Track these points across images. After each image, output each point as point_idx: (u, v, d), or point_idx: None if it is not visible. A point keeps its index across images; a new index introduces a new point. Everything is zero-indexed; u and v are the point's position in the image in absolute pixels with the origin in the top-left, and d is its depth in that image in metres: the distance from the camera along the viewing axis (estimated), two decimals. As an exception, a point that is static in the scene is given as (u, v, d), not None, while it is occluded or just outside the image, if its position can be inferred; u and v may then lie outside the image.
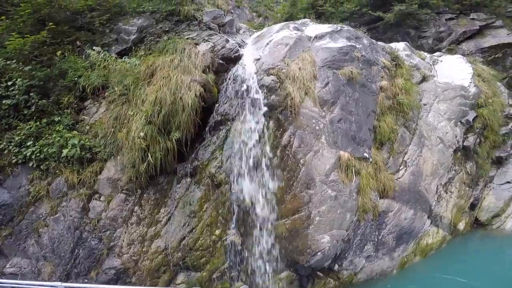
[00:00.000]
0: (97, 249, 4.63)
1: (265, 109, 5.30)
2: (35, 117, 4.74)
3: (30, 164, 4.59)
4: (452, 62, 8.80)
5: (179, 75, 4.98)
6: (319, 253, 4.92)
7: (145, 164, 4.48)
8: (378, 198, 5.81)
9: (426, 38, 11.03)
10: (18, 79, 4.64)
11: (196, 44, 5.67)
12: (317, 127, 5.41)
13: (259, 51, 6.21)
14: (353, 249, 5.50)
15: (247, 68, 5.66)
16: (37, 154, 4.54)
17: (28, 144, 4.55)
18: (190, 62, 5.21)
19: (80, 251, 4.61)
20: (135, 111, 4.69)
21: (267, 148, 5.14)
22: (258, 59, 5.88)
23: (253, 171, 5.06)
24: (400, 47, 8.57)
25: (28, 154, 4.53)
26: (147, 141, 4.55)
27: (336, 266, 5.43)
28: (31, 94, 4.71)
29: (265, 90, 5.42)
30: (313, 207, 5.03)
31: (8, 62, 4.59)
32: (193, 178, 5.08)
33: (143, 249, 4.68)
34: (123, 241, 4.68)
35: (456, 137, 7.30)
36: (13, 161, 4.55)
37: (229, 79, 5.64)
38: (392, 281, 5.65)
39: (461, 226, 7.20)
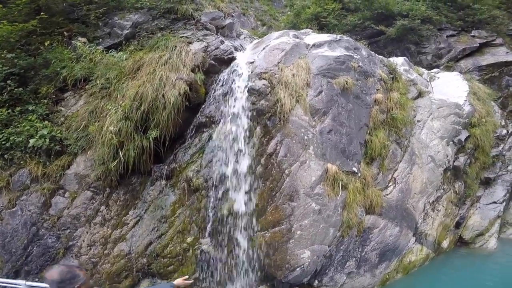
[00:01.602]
0: (54, 247, 4.06)
1: (252, 114, 4.66)
2: (8, 105, 4.26)
3: None
4: (449, 79, 8.21)
5: (165, 72, 4.41)
6: (298, 269, 4.36)
7: (116, 161, 3.85)
8: (364, 214, 5.22)
9: (425, 54, 10.41)
10: None
11: (189, 43, 5.15)
12: (305, 137, 4.79)
13: (254, 55, 5.64)
14: (334, 265, 4.92)
15: (239, 71, 5.08)
16: (3, 143, 4.04)
17: None
18: (179, 60, 4.66)
19: (34, 248, 4.05)
20: (113, 106, 4.08)
21: (251, 155, 4.50)
22: (252, 62, 5.32)
23: (234, 179, 4.41)
24: (399, 61, 8.03)
25: None
26: (121, 137, 3.95)
27: (316, 282, 4.82)
28: (8, 81, 4.26)
29: (255, 94, 4.79)
30: (295, 221, 4.45)
31: None
32: (168, 181, 4.48)
33: (105, 252, 4.07)
34: (83, 241, 4.10)
35: (447, 156, 6.73)
36: None
37: (219, 80, 5.04)
38: (371, 298, 5.10)
39: (445, 244, 6.71)
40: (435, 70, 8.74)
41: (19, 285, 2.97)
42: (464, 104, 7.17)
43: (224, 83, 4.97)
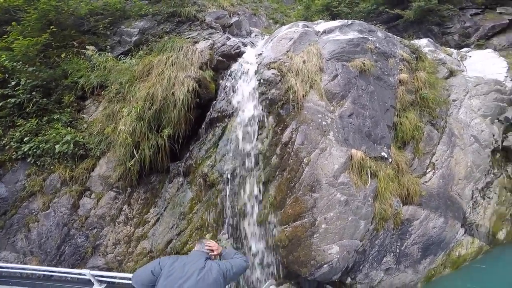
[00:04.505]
0: (83, 246, 4.01)
1: (264, 103, 4.22)
2: (36, 115, 4.39)
3: (28, 160, 4.20)
4: (483, 57, 7.17)
5: (174, 71, 4.23)
6: (325, 266, 3.78)
7: (132, 160, 3.67)
8: (401, 205, 4.45)
9: (451, 34, 9.20)
10: (22, 79, 4.35)
11: (195, 42, 4.95)
12: (323, 122, 4.20)
13: (262, 48, 5.24)
14: (369, 261, 4.24)
15: (247, 63, 4.69)
16: (35, 150, 4.15)
17: (26, 139, 4.18)
18: (186, 59, 4.46)
19: (66, 248, 4.02)
20: (128, 108, 3.96)
21: (265, 146, 4.02)
22: (260, 54, 4.95)
23: (249, 171, 3.97)
24: (422, 43, 7.17)
25: (25, 150, 4.15)
26: (136, 137, 3.78)
27: (349, 280, 4.18)
28: (33, 93, 4.40)
29: (265, 84, 4.37)
30: (319, 213, 3.87)
31: (15, 63, 4.32)
32: (186, 177, 4.21)
33: (129, 250, 3.90)
34: (109, 240, 3.98)
35: (493, 136, 5.65)
36: (14, 156, 4.21)
37: (228, 75, 4.71)
38: (415, 296, 4.29)
39: (501, 235, 5.54)
40: (465, 49, 7.76)
41: (84, 274, 2.90)
42: (505, 80, 6.11)
43: (233, 77, 4.63)
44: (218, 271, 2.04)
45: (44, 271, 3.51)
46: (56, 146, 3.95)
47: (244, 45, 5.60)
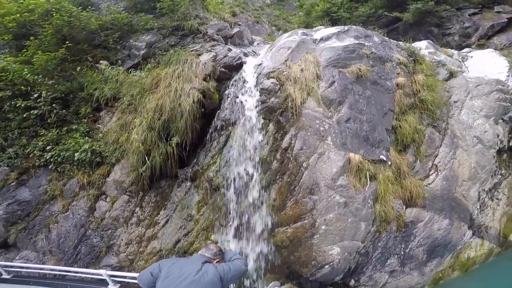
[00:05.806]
0: (98, 246, 4.28)
1: (264, 111, 4.43)
2: (57, 126, 4.72)
3: (50, 167, 4.53)
4: (484, 56, 7.07)
5: (180, 83, 4.51)
6: (326, 266, 3.87)
7: (144, 167, 3.95)
8: (404, 207, 4.46)
9: (451, 35, 9.12)
10: (43, 92, 4.67)
11: (199, 54, 5.20)
12: (321, 128, 4.36)
13: (263, 57, 5.46)
14: (372, 263, 4.25)
15: (247, 74, 4.92)
16: (56, 158, 4.47)
17: (48, 148, 4.50)
18: (191, 72, 4.72)
19: (82, 247, 4.30)
20: (140, 119, 4.27)
21: (266, 152, 4.22)
22: (260, 64, 5.16)
23: (251, 175, 4.17)
24: (422, 45, 7.12)
25: (48, 157, 4.48)
26: (147, 145, 4.07)
27: (352, 282, 4.21)
28: (53, 105, 4.71)
29: (265, 93, 4.58)
30: (318, 215, 4.00)
31: (35, 77, 4.63)
32: (193, 182, 4.47)
33: (140, 249, 4.16)
34: (122, 240, 4.25)
35: (498, 136, 5.55)
36: (37, 163, 4.54)
37: (230, 85, 4.96)
38: (421, 299, 4.26)
39: None
40: (466, 49, 7.65)
41: (100, 275, 3.10)
42: (507, 79, 6.04)
43: (235, 87, 4.87)
44: (214, 273, 2.13)
45: (61, 271, 3.65)
46: (75, 154, 4.28)
47: (246, 55, 5.82)
